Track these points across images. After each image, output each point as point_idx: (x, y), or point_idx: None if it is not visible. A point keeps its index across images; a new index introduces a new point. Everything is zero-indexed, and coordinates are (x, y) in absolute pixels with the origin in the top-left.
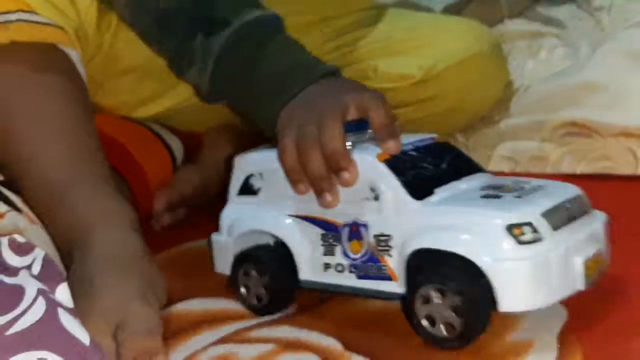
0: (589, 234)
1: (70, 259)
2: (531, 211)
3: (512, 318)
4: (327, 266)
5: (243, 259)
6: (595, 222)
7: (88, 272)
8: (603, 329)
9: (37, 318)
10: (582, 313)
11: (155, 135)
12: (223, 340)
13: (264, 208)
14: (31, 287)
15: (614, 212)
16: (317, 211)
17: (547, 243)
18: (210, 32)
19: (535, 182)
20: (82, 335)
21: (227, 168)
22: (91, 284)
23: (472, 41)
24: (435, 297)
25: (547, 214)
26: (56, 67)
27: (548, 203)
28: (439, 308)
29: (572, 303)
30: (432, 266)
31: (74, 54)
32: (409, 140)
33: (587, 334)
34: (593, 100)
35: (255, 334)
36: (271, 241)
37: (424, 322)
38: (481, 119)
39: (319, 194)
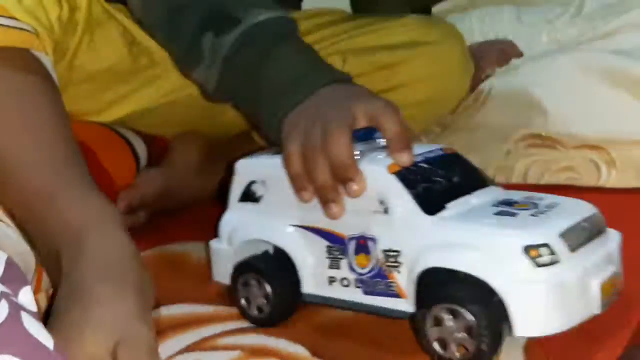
0: (605, 255)
1: (58, 264)
2: (548, 232)
3: None
4: (332, 280)
5: (243, 269)
6: (611, 242)
7: (83, 279)
8: (568, 341)
9: None
10: None
11: (120, 137)
12: (188, 349)
13: (266, 216)
14: None
15: None
16: (322, 222)
17: (564, 265)
18: (220, 31)
19: (549, 198)
20: (46, 340)
21: (227, 172)
22: (87, 293)
23: (439, 34)
24: (447, 319)
25: (564, 235)
26: (32, 73)
27: (565, 223)
28: (451, 330)
29: None
30: (444, 285)
31: (47, 60)
32: (418, 151)
33: (552, 345)
34: (554, 113)
35: (221, 341)
36: (273, 251)
37: (435, 345)
38: (447, 127)
39: (325, 203)
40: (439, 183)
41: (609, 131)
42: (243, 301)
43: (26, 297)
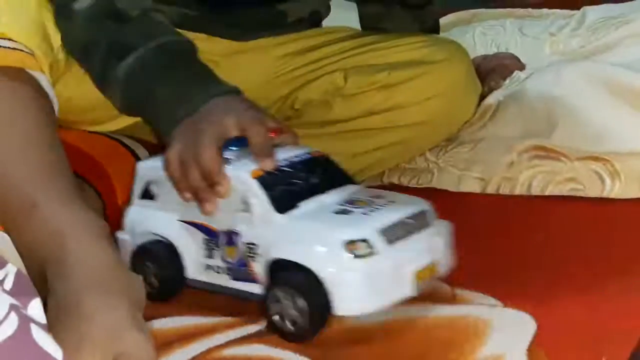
0: (425, 246)
1: (42, 276)
2: (369, 228)
3: (482, 333)
4: (208, 267)
5: (140, 254)
6: (435, 235)
7: (69, 294)
8: (571, 343)
9: (9, 334)
10: (551, 326)
11: (124, 147)
12: None
13: (159, 212)
14: (3, 302)
15: (583, 233)
16: (201, 218)
17: (380, 257)
18: (120, 59)
19: (390, 197)
20: (55, 352)
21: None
22: (75, 309)
23: (444, 53)
24: (285, 299)
25: (385, 230)
26: (20, 89)
27: (388, 220)
28: (287, 308)
29: (541, 316)
30: (286, 273)
31: (43, 77)
32: (285, 155)
33: (555, 348)
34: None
35: (227, 352)
36: (165, 241)
37: (275, 318)
38: (451, 139)
39: (199, 202)
40: (296, 185)
41: (613, 143)
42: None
43: (35, 309)
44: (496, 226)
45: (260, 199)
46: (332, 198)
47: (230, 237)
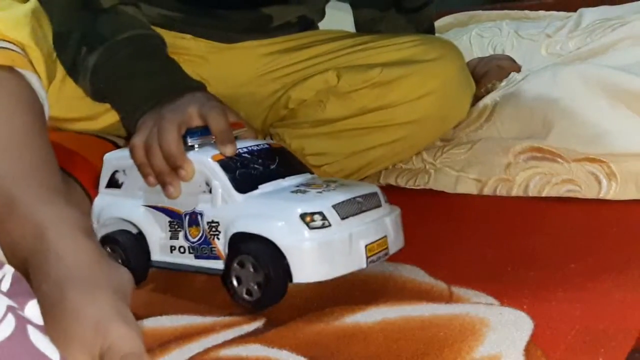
0: (375, 223)
1: (25, 273)
2: (323, 203)
3: (479, 333)
4: (172, 248)
5: (106, 241)
6: (385, 215)
7: (52, 292)
8: (568, 342)
9: (6, 335)
10: (548, 326)
11: (115, 147)
12: None
13: (125, 199)
14: (0, 304)
15: (579, 234)
16: (165, 202)
17: (334, 229)
18: (91, 48)
19: (342, 182)
20: (52, 353)
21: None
22: (60, 307)
23: (437, 51)
24: (247, 266)
25: (338, 206)
26: (8, 88)
27: (341, 197)
28: (246, 275)
29: (538, 315)
30: (245, 244)
31: (32, 76)
32: (245, 144)
33: (552, 347)
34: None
35: (224, 352)
36: (130, 227)
37: (234, 282)
38: (448, 140)
39: (163, 186)
40: (255, 169)
41: (609, 144)
42: None
43: (33, 310)
44: (493, 227)
45: (221, 181)
46: (289, 182)
47: (193, 217)
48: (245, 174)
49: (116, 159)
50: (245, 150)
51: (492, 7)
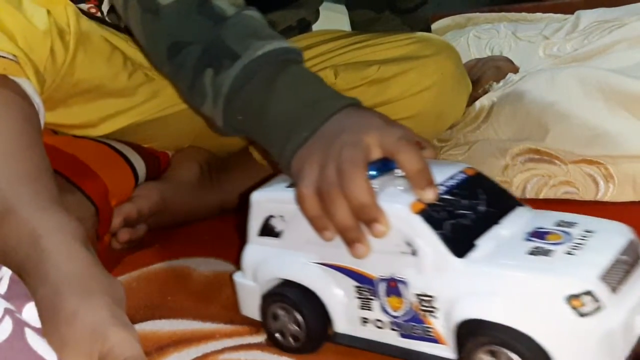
0: None
1: (22, 279)
2: (589, 276)
3: None
4: (365, 321)
5: (273, 299)
6: None
7: (47, 298)
8: None
9: (3, 338)
10: None
11: (118, 154)
12: None
13: (289, 253)
14: None
15: None
16: (348, 261)
17: (608, 311)
18: (220, 67)
19: (581, 224)
20: (50, 356)
21: (242, 202)
22: (57, 310)
23: (433, 48)
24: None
25: (605, 276)
26: (1, 96)
27: (603, 260)
28: None
29: None
30: (486, 334)
31: (27, 84)
32: (439, 178)
33: None
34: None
35: (224, 357)
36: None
37: None
38: (446, 140)
39: (349, 244)
40: (465, 217)
41: (607, 146)
42: (278, 335)
43: (30, 313)
44: None
45: (429, 240)
46: (510, 230)
47: (393, 285)
48: (457, 227)
49: (271, 203)
50: (444, 189)
51: (489, 9)
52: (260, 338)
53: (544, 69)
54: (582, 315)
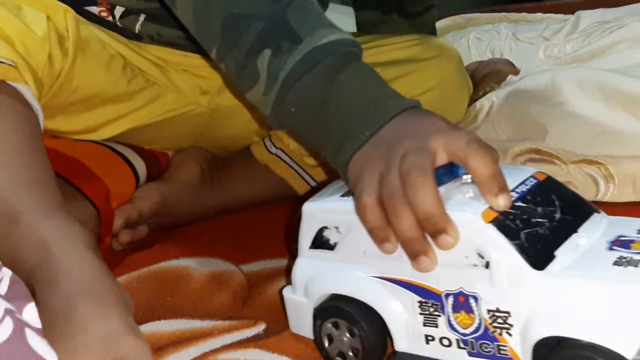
0: None
1: (29, 287)
2: None
3: None
4: (429, 338)
5: (327, 315)
6: None
7: (60, 305)
8: None
9: (4, 338)
10: None
11: (118, 155)
12: None
13: (344, 267)
14: None
15: None
16: (410, 274)
17: None
18: (280, 50)
19: None
20: (50, 356)
21: (294, 212)
22: (70, 317)
23: (434, 51)
24: None
25: None
26: (2, 102)
27: None
28: None
29: None
30: (570, 353)
31: (26, 90)
32: (510, 185)
33: None
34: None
35: (222, 357)
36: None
37: None
38: None
39: (414, 256)
40: (541, 225)
41: (607, 146)
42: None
43: (30, 313)
44: None
45: (504, 251)
46: (589, 239)
47: (462, 300)
48: (533, 237)
49: (324, 213)
50: (516, 196)
51: (490, 9)
52: (258, 329)
53: (543, 69)
54: None
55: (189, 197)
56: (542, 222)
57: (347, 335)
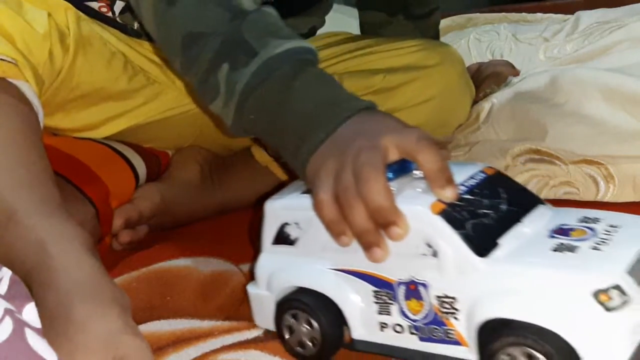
0: None
1: (28, 287)
2: (616, 270)
3: None
4: (383, 326)
5: (287, 307)
6: None
7: (61, 304)
8: None
9: (3, 338)
10: None
11: (118, 155)
12: None
13: (304, 260)
14: None
15: None
16: (365, 265)
17: (636, 304)
18: (236, 63)
19: (605, 219)
20: (50, 356)
21: (257, 210)
22: (69, 317)
23: (438, 57)
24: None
25: (632, 270)
26: (1, 99)
27: (630, 254)
28: None
29: None
30: (512, 333)
31: (26, 87)
32: (458, 178)
33: None
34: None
35: (222, 357)
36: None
37: None
38: (447, 143)
39: (367, 248)
40: (486, 216)
41: (607, 146)
42: (292, 342)
43: (30, 313)
44: None
45: (451, 241)
46: (533, 228)
47: (412, 288)
48: (478, 227)
49: (285, 210)
50: (464, 189)
51: (490, 9)
52: (259, 332)
53: (543, 70)
54: (609, 309)
55: (189, 197)
56: (488, 213)
57: (306, 326)
